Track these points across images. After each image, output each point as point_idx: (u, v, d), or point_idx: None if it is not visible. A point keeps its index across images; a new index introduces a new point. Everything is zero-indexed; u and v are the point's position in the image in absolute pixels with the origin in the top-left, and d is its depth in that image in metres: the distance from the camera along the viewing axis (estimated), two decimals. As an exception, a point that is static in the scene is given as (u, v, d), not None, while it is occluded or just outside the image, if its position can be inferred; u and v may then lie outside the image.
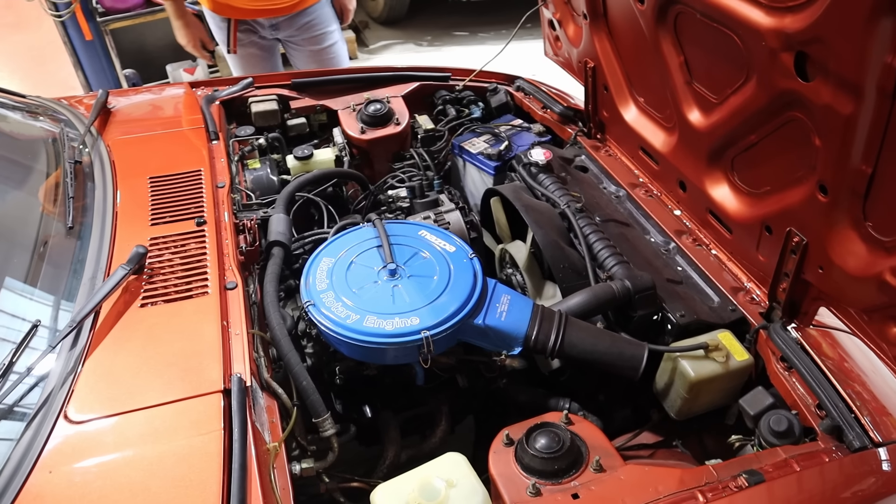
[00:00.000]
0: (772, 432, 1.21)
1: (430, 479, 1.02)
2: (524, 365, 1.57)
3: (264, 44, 2.63)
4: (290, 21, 2.55)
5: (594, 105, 2.02)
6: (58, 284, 1.20)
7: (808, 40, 1.10)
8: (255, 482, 0.96)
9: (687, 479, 1.07)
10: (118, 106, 1.83)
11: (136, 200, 1.42)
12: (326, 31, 2.67)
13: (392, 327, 1.23)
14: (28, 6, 3.42)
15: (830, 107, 1.11)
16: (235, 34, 2.53)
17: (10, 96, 1.74)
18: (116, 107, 1.82)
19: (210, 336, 1.14)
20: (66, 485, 0.93)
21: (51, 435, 0.98)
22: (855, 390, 1.27)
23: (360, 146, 2.03)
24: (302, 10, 2.54)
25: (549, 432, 1.12)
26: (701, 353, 1.36)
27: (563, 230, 1.62)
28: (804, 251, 1.30)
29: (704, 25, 1.40)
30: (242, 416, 1.03)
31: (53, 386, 1.03)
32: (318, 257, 1.39)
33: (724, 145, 1.50)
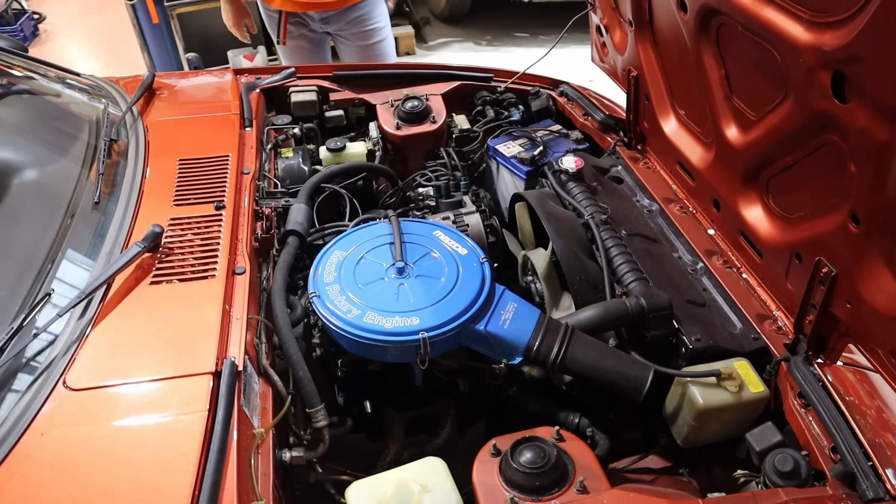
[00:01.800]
0: (776, 472, 1.15)
1: (407, 482, 1.02)
2: (542, 374, 1.55)
3: (314, 37, 2.67)
4: (339, 15, 2.58)
5: (635, 115, 1.96)
6: (77, 257, 1.25)
7: (845, 59, 1.03)
8: (232, 464, 0.97)
9: (673, 509, 1.03)
10: (164, 89, 1.89)
11: (162, 181, 1.47)
12: (376, 28, 2.70)
13: (391, 325, 1.23)
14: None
15: (866, 131, 1.03)
16: (286, 26, 2.58)
17: (67, 73, 1.83)
18: (162, 89, 1.88)
19: (210, 318, 1.16)
20: (55, 448, 0.97)
21: (48, 399, 1.02)
22: (879, 438, 1.18)
23: (395, 142, 2.03)
24: (352, 6, 2.57)
25: (535, 447, 1.09)
26: (713, 380, 1.30)
27: (585, 241, 1.57)
28: (833, 283, 1.22)
29: (746, 39, 1.34)
30: (229, 399, 1.04)
31: (57, 353, 1.08)
32: (331, 250, 1.40)
33: (759, 165, 1.43)
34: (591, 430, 1.39)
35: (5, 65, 1.76)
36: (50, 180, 1.46)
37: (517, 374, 1.52)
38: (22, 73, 1.76)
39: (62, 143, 1.56)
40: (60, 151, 1.53)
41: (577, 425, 1.40)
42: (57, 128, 1.62)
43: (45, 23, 5.63)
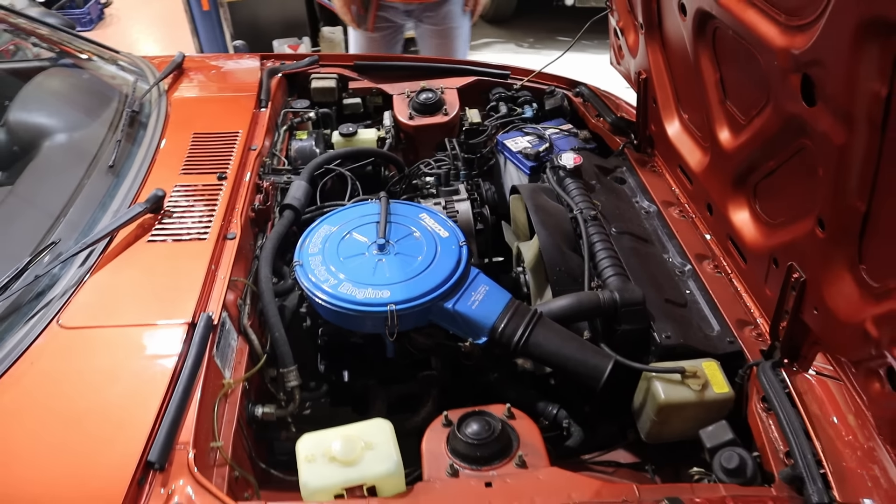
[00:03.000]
0: (722, 468, 1.16)
1: (353, 438, 1.08)
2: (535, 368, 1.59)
3: (392, 28, 2.79)
4: (423, 9, 2.69)
5: (644, 118, 1.97)
6: (87, 212, 1.37)
7: (809, 62, 1.04)
8: (194, 405, 1.06)
9: (605, 493, 1.06)
10: (193, 69, 2.02)
11: (175, 151, 1.58)
12: (453, 27, 2.81)
13: (363, 296, 1.30)
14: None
15: (827, 135, 1.05)
16: (375, 13, 2.69)
17: (106, 50, 1.98)
18: (192, 69, 2.01)
19: (196, 276, 1.26)
20: (42, 375, 1.08)
21: (41, 334, 1.13)
22: (835, 449, 1.17)
23: (407, 131, 2.10)
24: (438, 2, 2.66)
25: (481, 420, 1.14)
26: (677, 377, 1.32)
27: (571, 235, 1.60)
28: (802, 289, 1.23)
29: (736, 42, 1.35)
30: (201, 348, 1.13)
31: (55, 295, 1.19)
32: (320, 224, 1.48)
33: (748, 169, 1.44)
34: (567, 422, 1.43)
35: (52, 39, 1.92)
36: (76, 144, 1.59)
37: (500, 361, 1.57)
38: (66, 48, 1.91)
39: (92, 112, 1.69)
40: (89, 119, 1.66)
41: (554, 416, 1.43)
42: (89, 98, 1.75)
43: (111, 7, 6.01)
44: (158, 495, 0.96)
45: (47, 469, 0.97)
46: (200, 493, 0.97)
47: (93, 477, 0.97)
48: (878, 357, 1.04)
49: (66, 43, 1.94)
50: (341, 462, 1.05)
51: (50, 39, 1.89)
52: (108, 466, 0.98)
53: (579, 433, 1.42)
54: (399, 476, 1.07)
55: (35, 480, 0.96)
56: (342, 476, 1.04)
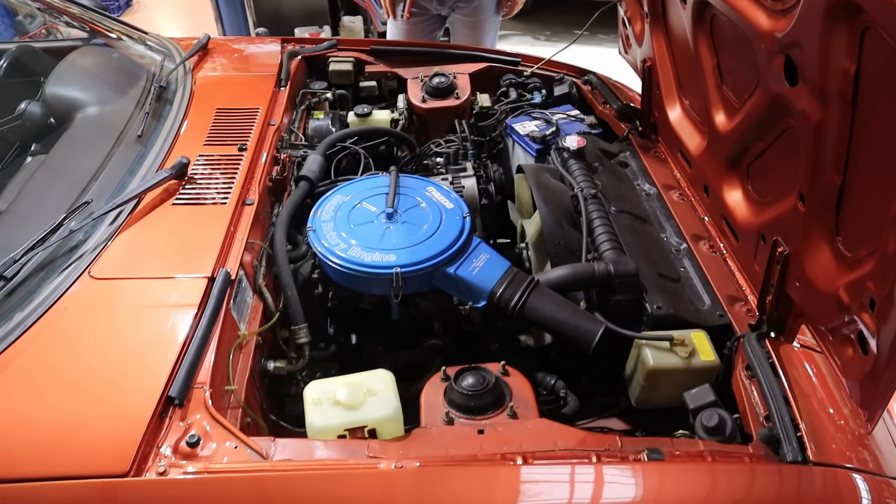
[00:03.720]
0: (702, 427, 1.23)
1: (356, 385, 1.17)
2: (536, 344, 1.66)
3: (428, 18, 2.88)
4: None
5: (648, 104, 2.04)
6: (117, 177, 1.48)
7: (789, 43, 1.11)
8: (211, 350, 1.15)
9: (589, 441, 1.13)
10: (217, 50, 2.12)
11: (199, 124, 1.68)
12: (483, 19, 2.90)
13: (370, 259, 1.39)
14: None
15: (806, 112, 1.11)
16: (411, 1, 2.78)
17: (135, 30, 2.09)
18: (216, 51, 2.11)
19: (216, 237, 1.35)
20: (74, 320, 1.18)
21: (74, 283, 1.23)
22: (812, 414, 1.24)
23: (420, 114, 2.18)
24: None
25: (477, 374, 1.22)
26: (666, 344, 1.38)
27: (570, 211, 1.68)
28: (786, 262, 1.29)
29: (731, 29, 1.42)
30: (219, 300, 1.23)
31: (87, 249, 1.30)
32: (333, 194, 1.57)
33: (741, 151, 1.50)
34: (564, 392, 1.50)
35: (84, 19, 2.03)
36: (106, 116, 1.69)
37: (502, 333, 1.65)
38: (97, 28, 2.02)
39: (121, 88, 1.80)
40: (119, 94, 1.77)
41: (552, 386, 1.51)
42: (119, 74, 1.86)
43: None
44: (177, 427, 1.06)
45: (78, 401, 1.07)
46: (216, 427, 1.06)
47: (119, 408, 1.07)
48: (850, 323, 1.11)
49: (98, 23, 2.05)
50: (345, 406, 1.14)
51: (82, 19, 2.00)
52: (132, 400, 1.07)
53: (575, 402, 1.49)
54: (398, 421, 1.16)
55: (68, 410, 1.06)
56: (345, 418, 1.13)
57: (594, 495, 1.06)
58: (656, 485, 1.08)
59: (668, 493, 1.09)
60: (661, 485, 1.09)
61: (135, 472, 0.99)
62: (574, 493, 1.05)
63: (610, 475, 1.08)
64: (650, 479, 1.08)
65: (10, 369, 1.10)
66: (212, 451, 1.04)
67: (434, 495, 1.02)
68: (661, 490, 1.08)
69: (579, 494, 1.05)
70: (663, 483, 1.09)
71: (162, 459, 1.01)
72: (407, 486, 1.03)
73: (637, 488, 1.08)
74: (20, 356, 1.12)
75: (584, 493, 1.06)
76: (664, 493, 1.08)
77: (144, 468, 1.00)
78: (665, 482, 1.09)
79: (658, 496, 1.08)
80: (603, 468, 1.07)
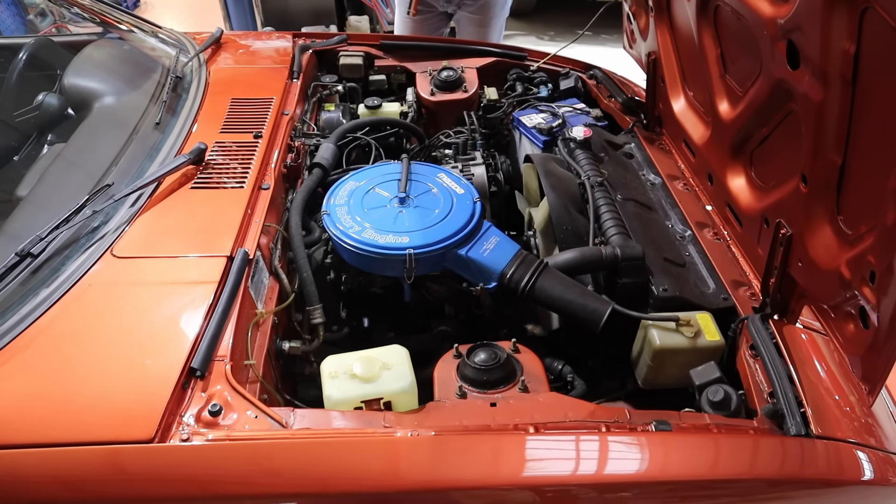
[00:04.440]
0: (708, 402, 1.26)
1: (372, 359, 1.20)
2: (543, 332, 1.70)
3: (435, 16, 2.93)
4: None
5: (653, 97, 2.08)
6: (136, 163, 1.52)
7: (791, 28, 1.15)
8: (231, 325, 1.19)
9: (599, 413, 1.17)
10: (230, 44, 2.16)
11: (215, 113, 1.73)
12: (490, 16, 2.95)
13: (384, 241, 1.42)
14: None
15: (807, 95, 1.15)
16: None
17: (150, 25, 2.13)
18: (229, 44, 2.16)
19: (234, 219, 1.39)
20: (98, 295, 1.22)
21: (97, 261, 1.27)
22: (815, 391, 1.27)
23: (429, 107, 2.23)
24: None
25: (489, 350, 1.26)
26: (672, 325, 1.42)
27: (577, 198, 1.71)
28: (789, 243, 1.33)
29: (734, 19, 1.45)
30: (238, 278, 1.26)
31: (109, 229, 1.33)
32: (347, 180, 1.61)
33: (744, 138, 1.54)
34: (571, 376, 1.53)
35: (103, 14, 2.07)
36: (124, 105, 1.74)
37: (511, 321, 1.68)
38: (111, 20, 2.06)
39: (138, 78, 1.84)
40: (136, 84, 1.81)
41: (559, 370, 1.54)
42: (136, 65, 1.91)
43: None
44: (199, 398, 1.10)
45: (104, 372, 1.11)
46: (236, 398, 1.10)
47: (143, 379, 1.10)
48: (852, 299, 1.14)
49: (111, 15, 2.09)
50: (361, 379, 1.18)
51: (93, 11, 2.04)
52: (155, 372, 1.11)
53: (582, 385, 1.52)
54: (413, 394, 1.19)
55: (94, 381, 1.10)
56: (361, 390, 1.17)
57: (603, 462, 1.09)
58: (663, 454, 1.12)
59: (674, 461, 1.12)
60: (667, 454, 1.12)
61: (159, 439, 1.02)
62: (584, 460, 1.09)
63: (618, 444, 1.11)
64: (657, 448, 1.12)
65: (37, 342, 1.13)
66: (233, 420, 1.07)
67: (449, 461, 1.06)
68: (667, 459, 1.12)
69: (589, 461, 1.09)
70: (670, 452, 1.12)
71: (185, 428, 1.05)
72: (422, 453, 1.06)
73: (645, 457, 1.11)
74: (47, 330, 1.15)
75: (594, 459, 1.09)
76: (671, 462, 1.12)
77: (168, 436, 1.03)
78: (672, 452, 1.12)
79: (665, 464, 1.12)
80: (611, 437, 1.10)
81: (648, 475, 1.10)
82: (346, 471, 1.03)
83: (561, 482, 1.08)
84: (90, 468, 1.00)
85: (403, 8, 2.90)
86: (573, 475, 1.09)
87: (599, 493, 1.09)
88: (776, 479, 1.15)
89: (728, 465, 1.14)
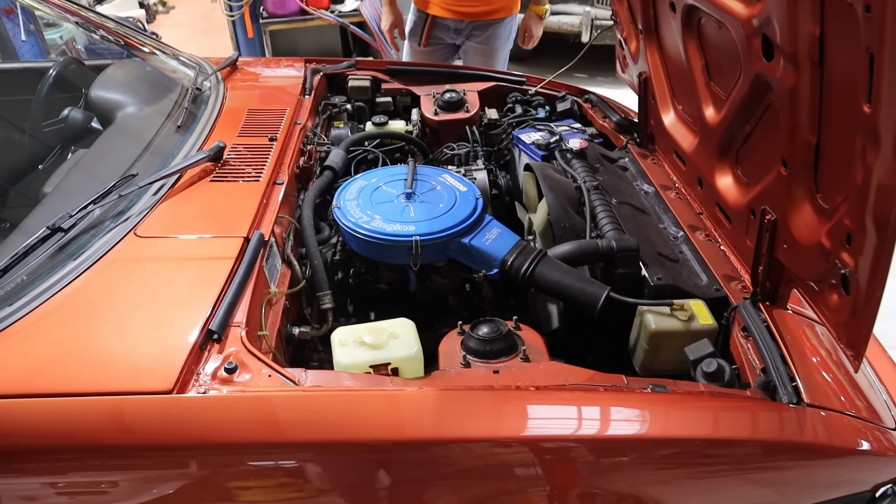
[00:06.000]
0: (702, 374, 1.31)
1: (380, 328, 1.26)
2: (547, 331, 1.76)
3: (443, 46, 3.09)
4: (472, 27, 2.99)
5: (644, 115, 2.20)
6: (158, 158, 1.61)
7: (763, 22, 1.26)
8: (246, 297, 1.25)
9: (598, 378, 1.22)
10: (246, 67, 2.31)
11: (232, 120, 1.84)
12: (496, 47, 3.10)
13: (391, 229, 1.51)
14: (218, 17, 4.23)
15: (782, 80, 1.25)
16: (429, 30, 3.00)
17: (171, 47, 2.28)
18: (244, 67, 2.30)
19: (250, 206, 1.48)
20: (121, 267, 1.30)
21: (121, 240, 1.35)
22: (805, 366, 1.33)
23: (432, 126, 2.34)
24: (489, 21, 2.97)
25: (491, 323, 1.32)
26: (666, 310, 1.48)
27: (574, 200, 1.80)
28: (774, 228, 1.41)
29: (716, 27, 1.58)
30: (253, 256, 1.34)
31: (133, 213, 1.42)
32: (356, 179, 1.71)
33: (729, 139, 1.64)
34: None
35: (127, 38, 2.22)
36: (146, 113, 1.85)
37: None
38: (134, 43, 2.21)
39: (159, 92, 1.97)
40: (157, 96, 1.93)
41: None
42: (156, 81, 2.03)
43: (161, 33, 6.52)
44: (216, 358, 1.15)
45: (127, 331, 1.17)
46: (250, 358, 1.16)
47: (163, 338, 1.16)
48: (833, 268, 1.22)
49: (134, 38, 2.23)
50: (370, 346, 1.24)
51: (119, 34, 2.19)
52: (174, 332, 1.17)
53: (581, 380, 1.58)
54: (419, 361, 1.25)
55: (117, 339, 1.16)
56: (370, 356, 1.22)
57: (603, 417, 1.14)
58: (662, 413, 1.16)
59: (674, 420, 1.16)
60: (667, 413, 1.17)
61: (178, 392, 1.07)
62: (584, 415, 1.13)
63: (618, 404, 1.16)
64: (656, 407, 1.16)
65: (65, 306, 1.20)
66: (248, 378, 1.13)
67: (456, 412, 1.10)
68: (667, 417, 1.16)
69: (589, 415, 1.13)
70: (669, 412, 1.17)
71: (202, 383, 1.10)
72: (428, 406, 1.11)
73: (645, 417, 1.16)
74: (74, 296, 1.22)
75: (594, 414, 1.14)
76: (670, 421, 1.16)
77: (187, 389, 1.09)
78: (671, 412, 1.17)
79: (665, 423, 1.16)
80: (611, 396, 1.16)
81: (650, 434, 1.15)
82: (353, 422, 1.07)
83: (562, 438, 1.13)
84: (112, 417, 1.05)
85: (415, 40, 3.07)
86: (574, 434, 1.14)
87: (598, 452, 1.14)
88: (774, 443, 1.18)
89: (726, 426, 1.19)
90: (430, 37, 3.02)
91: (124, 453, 1.04)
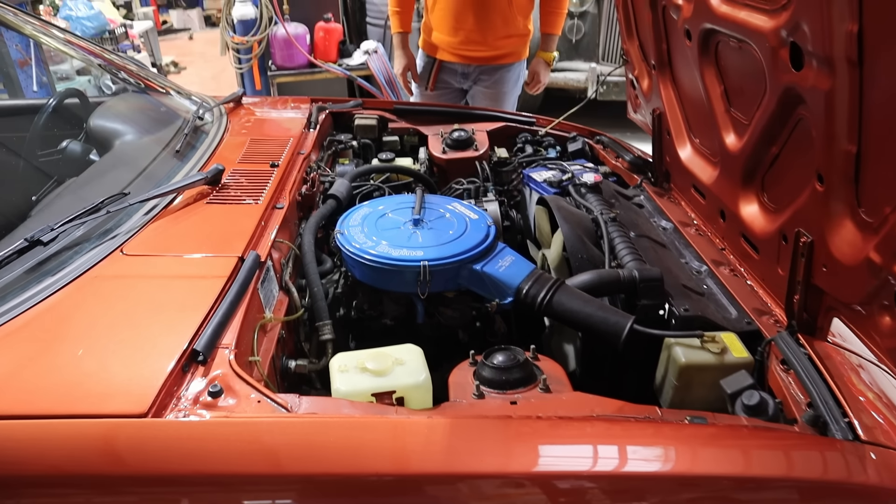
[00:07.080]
0: (743, 407, 1.18)
1: (385, 354, 1.14)
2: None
3: (452, 90, 3.08)
4: (480, 71, 2.99)
5: (659, 151, 2.13)
6: (154, 181, 1.53)
7: (792, 29, 1.20)
8: (237, 319, 1.14)
9: (628, 409, 1.08)
10: (251, 105, 2.27)
11: (234, 149, 1.77)
12: (503, 91, 3.09)
13: (398, 254, 1.40)
14: (228, 77, 4.28)
15: (816, 87, 1.18)
16: (437, 74, 3.00)
17: (178, 86, 2.25)
18: (249, 105, 2.26)
19: (247, 228, 1.38)
20: (103, 284, 1.20)
21: (106, 258, 1.25)
22: (856, 398, 1.19)
23: (440, 164, 2.28)
24: (497, 66, 2.97)
25: (507, 351, 1.19)
26: (696, 342, 1.36)
27: (591, 232, 1.71)
28: (810, 251, 1.30)
29: (735, 49, 1.53)
30: (247, 277, 1.23)
31: (121, 231, 1.32)
32: (360, 207, 1.62)
33: (754, 164, 1.56)
34: None
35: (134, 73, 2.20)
36: (145, 141, 1.79)
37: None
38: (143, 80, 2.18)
39: (159, 121, 1.92)
40: (157, 126, 1.88)
41: None
42: (157, 112, 1.99)
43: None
44: (200, 381, 1.03)
45: (101, 350, 1.05)
46: (238, 382, 1.03)
47: (141, 359, 1.04)
48: (884, 285, 1.10)
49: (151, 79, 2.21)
50: (373, 372, 1.11)
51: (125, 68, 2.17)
52: (155, 353, 1.05)
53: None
54: (427, 390, 1.12)
55: (90, 358, 1.04)
56: (373, 383, 1.10)
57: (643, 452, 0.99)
58: (702, 446, 1.02)
59: (711, 455, 1.02)
60: (706, 446, 1.02)
61: (153, 416, 0.95)
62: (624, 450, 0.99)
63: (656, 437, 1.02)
64: (695, 439, 1.02)
65: (36, 322, 1.09)
66: (234, 402, 1.00)
67: (466, 447, 0.96)
68: (704, 452, 1.02)
69: (629, 451, 0.99)
70: (709, 445, 1.03)
71: (182, 407, 0.98)
72: (440, 435, 0.97)
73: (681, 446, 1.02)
74: (48, 312, 1.11)
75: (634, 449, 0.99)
76: (707, 456, 1.02)
77: (164, 413, 0.96)
78: (710, 445, 1.03)
79: (704, 458, 1.02)
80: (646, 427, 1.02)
81: (703, 472, 1.00)
82: (352, 452, 0.94)
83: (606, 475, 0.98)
84: (74, 443, 0.92)
85: (422, 84, 3.07)
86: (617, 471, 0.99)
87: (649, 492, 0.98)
88: (833, 484, 1.04)
89: (772, 464, 1.04)
90: (438, 81, 3.02)
91: (85, 483, 0.90)
